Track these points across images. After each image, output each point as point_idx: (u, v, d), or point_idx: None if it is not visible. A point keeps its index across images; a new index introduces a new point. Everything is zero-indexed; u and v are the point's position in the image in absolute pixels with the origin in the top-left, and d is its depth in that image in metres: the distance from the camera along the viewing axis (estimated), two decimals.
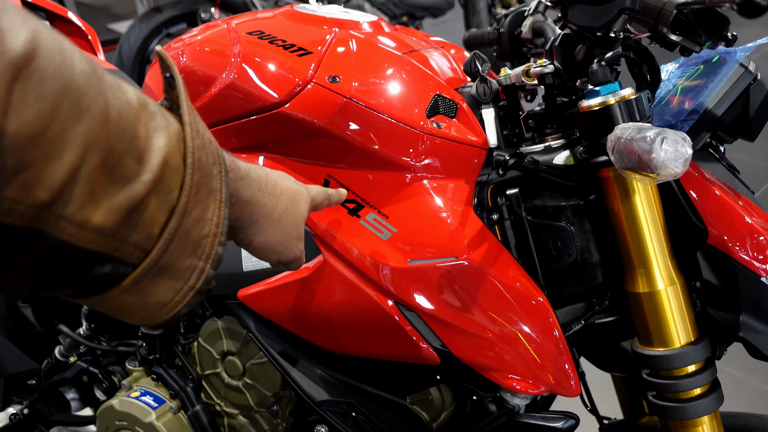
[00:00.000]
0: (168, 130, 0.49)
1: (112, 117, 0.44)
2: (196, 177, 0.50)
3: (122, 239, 0.46)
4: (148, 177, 0.46)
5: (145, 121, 0.47)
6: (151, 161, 0.47)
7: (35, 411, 1.50)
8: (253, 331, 1.08)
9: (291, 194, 0.74)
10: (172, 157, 0.49)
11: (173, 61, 0.57)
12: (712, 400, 0.90)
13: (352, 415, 1.05)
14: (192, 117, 0.52)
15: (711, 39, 0.82)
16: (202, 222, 0.52)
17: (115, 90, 0.45)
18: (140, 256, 0.48)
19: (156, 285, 0.50)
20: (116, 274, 0.48)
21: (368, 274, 0.94)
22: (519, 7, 1.20)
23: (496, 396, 0.99)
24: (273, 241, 0.71)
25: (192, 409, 1.24)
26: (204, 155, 0.52)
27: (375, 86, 0.99)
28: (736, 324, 0.88)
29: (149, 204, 0.47)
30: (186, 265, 0.51)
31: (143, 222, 0.47)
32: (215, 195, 0.53)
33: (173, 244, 0.49)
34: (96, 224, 0.44)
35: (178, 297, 0.52)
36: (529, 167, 0.94)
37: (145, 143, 0.47)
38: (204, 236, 0.52)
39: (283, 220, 0.72)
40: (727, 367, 2.10)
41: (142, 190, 0.46)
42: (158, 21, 4.00)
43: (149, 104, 0.49)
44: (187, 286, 0.52)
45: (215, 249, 0.53)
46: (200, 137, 0.52)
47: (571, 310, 1.00)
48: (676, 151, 0.76)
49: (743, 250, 0.88)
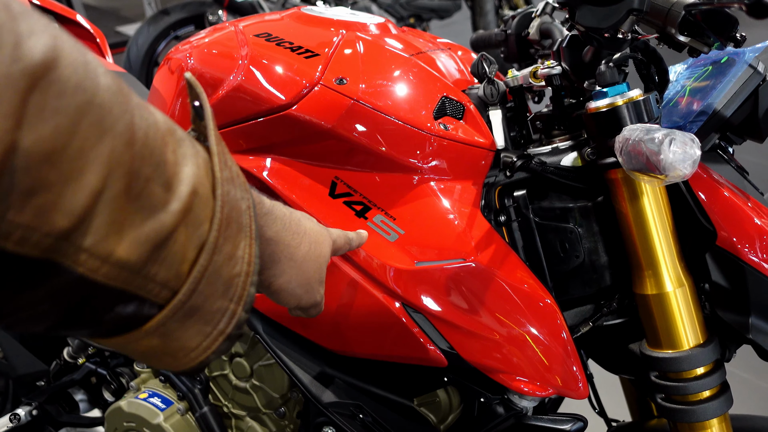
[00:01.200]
0: (196, 158, 0.46)
1: (138, 138, 0.40)
2: (226, 210, 0.47)
3: (148, 276, 0.42)
4: (176, 206, 0.42)
5: (174, 146, 0.44)
6: (180, 190, 0.43)
7: (44, 412, 1.51)
8: (260, 332, 1.08)
9: (314, 235, 0.69)
10: (201, 186, 0.45)
11: (203, 90, 0.54)
12: (722, 403, 0.90)
13: (359, 416, 1.05)
14: (220, 148, 0.49)
15: (720, 40, 0.81)
16: (234, 260, 0.48)
17: (142, 110, 0.42)
18: (167, 296, 0.44)
19: (183, 329, 0.46)
20: (141, 315, 0.44)
21: (375, 275, 0.94)
22: (526, 9, 1.20)
23: (503, 398, 0.99)
24: (294, 284, 0.67)
25: (200, 411, 1.24)
26: (233, 188, 0.48)
27: (382, 88, 0.99)
28: (746, 326, 0.88)
29: (178, 238, 0.43)
30: (216, 308, 0.47)
31: (171, 258, 0.43)
32: (245, 231, 0.49)
33: (203, 284, 0.45)
34: (120, 258, 0.40)
35: (206, 342, 0.48)
36: (537, 169, 0.94)
37: (173, 170, 0.43)
38: (235, 275, 0.48)
39: (306, 262, 0.67)
40: (737, 369, 2.09)
41: (170, 221, 0.42)
42: (166, 23, 4.02)
43: (177, 130, 0.46)
44: (217, 330, 0.48)
45: (247, 290, 0.49)
46: (228, 169, 0.48)
47: (578, 312, 1.00)
48: (685, 152, 0.75)
49: (752, 251, 0.87)
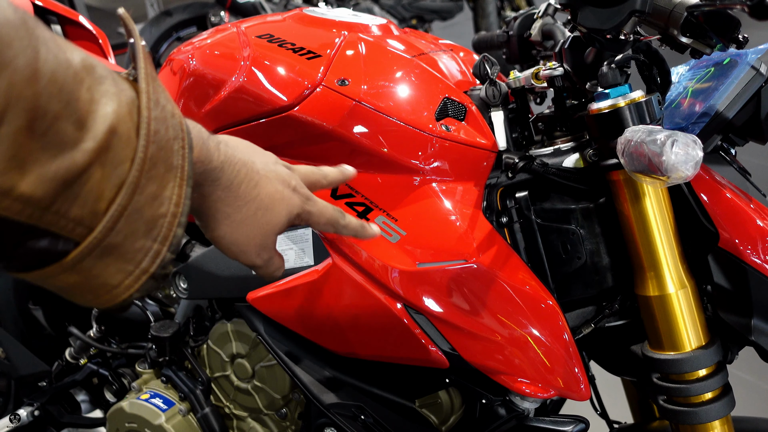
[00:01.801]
0: (118, 96, 0.45)
1: (44, 74, 0.39)
2: (152, 150, 0.46)
3: (60, 213, 0.42)
4: (90, 145, 0.42)
5: (90, 84, 0.43)
6: (95, 128, 0.42)
7: (46, 413, 1.51)
8: (262, 333, 1.08)
9: (268, 201, 0.67)
10: (121, 125, 0.44)
11: (134, 25, 0.52)
12: (724, 405, 0.90)
13: (360, 418, 1.05)
14: (151, 86, 0.47)
15: (722, 41, 0.81)
16: (159, 200, 0.47)
17: (50, 45, 0.40)
18: (83, 233, 0.44)
19: (103, 266, 0.46)
20: (55, 251, 0.43)
21: (377, 277, 0.94)
22: (528, 10, 1.19)
23: (505, 399, 0.99)
24: (227, 240, 0.65)
25: (201, 412, 1.24)
26: (163, 128, 0.47)
27: (384, 89, 0.99)
28: (748, 328, 0.88)
29: (93, 176, 0.43)
30: (138, 247, 0.47)
31: (86, 195, 0.43)
32: (175, 171, 0.48)
33: (122, 222, 0.45)
34: (23, 193, 0.39)
35: (128, 281, 0.47)
36: (539, 170, 0.94)
37: (87, 107, 0.42)
38: (160, 216, 0.47)
39: (246, 225, 0.65)
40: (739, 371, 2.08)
41: (82, 159, 0.42)
42: (168, 25, 4.03)
43: (98, 68, 0.44)
44: (140, 269, 0.47)
45: (173, 230, 0.48)
46: (160, 108, 0.47)
47: (580, 313, 1.00)
48: (687, 153, 0.75)
49: (755, 253, 0.87)
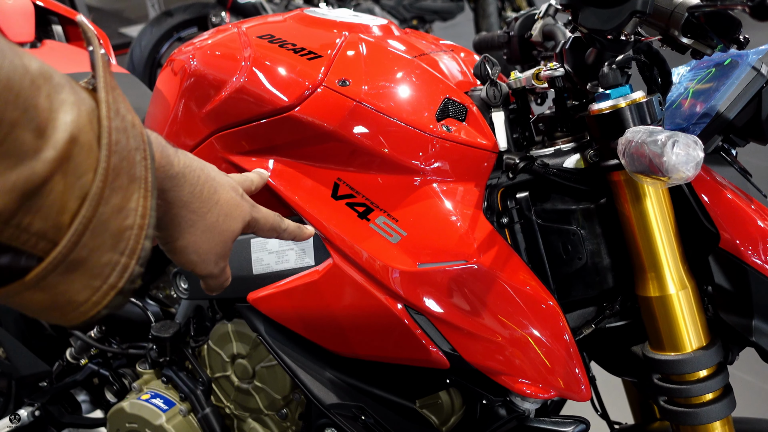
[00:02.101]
0: (78, 105, 0.43)
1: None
2: (114, 160, 0.44)
3: (21, 227, 0.40)
4: (50, 154, 0.40)
5: (49, 91, 0.41)
6: (55, 137, 0.41)
7: (46, 413, 1.51)
8: (262, 334, 1.08)
9: (228, 207, 0.67)
10: (82, 134, 0.43)
11: (95, 31, 0.51)
12: (724, 406, 0.90)
13: (361, 418, 1.05)
14: (111, 96, 0.46)
15: (723, 42, 0.81)
16: (124, 212, 0.46)
17: (6, 52, 0.39)
18: (47, 247, 0.42)
19: (68, 282, 0.44)
20: (17, 267, 0.42)
21: (378, 277, 0.94)
22: (529, 11, 1.19)
23: (505, 400, 0.99)
24: (190, 250, 0.64)
25: (202, 412, 1.24)
26: (124, 138, 0.46)
27: (385, 89, 0.99)
28: (749, 328, 0.88)
29: (54, 187, 0.41)
30: (105, 261, 0.45)
31: (48, 208, 0.41)
32: (139, 182, 0.47)
33: (87, 236, 0.43)
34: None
35: (96, 297, 0.46)
36: (539, 170, 0.94)
37: (47, 116, 0.41)
38: (126, 228, 0.46)
39: (208, 232, 0.65)
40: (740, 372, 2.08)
41: (43, 169, 0.40)
42: (169, 25, 4.03)
43: (55, 75, 0.43)
44: (107, 284, 0.46)
45: (141, 243, 0.47)
46: (120, 118, 0.46)
47: (581, 314, 1.00)
48: (688, 154, 0.75)
49: (755, 254, 0.87)
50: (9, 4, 1.63)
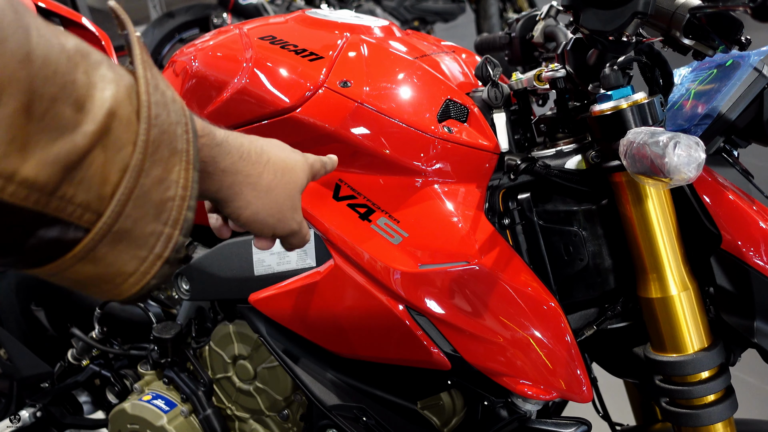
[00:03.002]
0: (117, 82, 0.45)
1: (37, 56, 0.39)
2: (154, 133, 0.46)
3: (65, 198, 0.41)
4: (90, 128, 0.42)
5: (86, 68, 0.43)
6: (93, 111, 0.42)
7: (48, 414, 1.51)
8: (264, 335, 1.08)
9: (281, 162, 0.68)
10: (121, 109, 0.44)
11: (127, 16, 0.54)
12: (726, 407, 0.90)
13: (362, 419, 1.05)
14: (149, 72, 0.48)
15: (724, 43, 0.81)
16: (165, 183, 0.47)
17: (42, 31, 0.41)
18: (92, 219, 0.43)
19: (116, 253, 0.45)
20: (66, 240, 0.43)
21: (379, 278, 0.94)
22: (530, 12, 1.20)
23: (507, 401, 0.99)
24: (263, 214, 0.66)
25: (203, 413, 1.24)
26: (164, 112, 0.47)
27: (386, 91, 0.99)
28: (750, 330, 0.88)
29: (96, 159, 0.42)
30: (149, 231, 0.46)
31: (90, 180, 0.42)
32: (180, 155, 0.48)
33: (130, 206, 0.44)
34: (26, 177, 0.39)
35: (144, 267, 0.47)
36: (541, 172, 0.94)
37: (85, 91, 0.42)
38: (168, 199, 0.47)
39: (272, 190, 0.66)
40: (741, 373, 2.08)
41: (83, 142, 0.41)
42: (171, 26, 4.03)
43: (92, 53, 0.44)
44: (154, 254, 0.47)
45: (183, 214, 0.48)
46: (159, 93, 0.47)
47: (583, 315, 1.00)
48: (689, 155, 0.75)
49: (757, 255, 0.87)
50: None
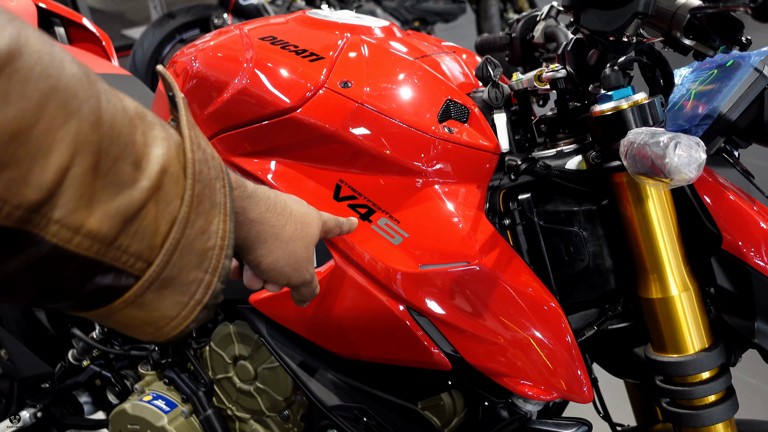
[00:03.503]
0: (167, 140, 0.49)
1: (105, 120, 0.43)
2: (198, 188, 0.50)
3: (122, 248, 0.45)
4: (146, 184, 0.46)
5: (143, 129, 0.47)
6: (149, 168, 0.47)
7: (49, 414, 1.51)
8: (264, 335, 1.08)
9: (301, 216, 0.73)
10: (171, 166, 0.48)
11: (174, 79, 0.59)
12: (727, 408, 0.90)
13: (363, 420, 1.05)
14: (192, 131, 0.52)
15: (725, 43, 0.81)
16: (207, 234, 0.51)
17: (109, 96, 0.45)
18: (143, 267, 0.47)
19: (161, 299, 0.49)
20: (119, 286, 0.47)
21: (379, 278, 0.94)
22: (531, 12, 1.20)
23: (508, 402, 0.99)
24: (282, 262, 0.71)
25: (204, 414, 1.24)
26: (206, 168, 0.52)
27: (387, 91, 0.99)
28: (751, 330, 0.88)
29: (149, 212, 0.46)
30: (191, 278, 0.51)
31: (143, 231, 0.46)
32: (219, 208, 0.53)
33: (176, 256, 0.49)
34: (91, 229, 0.43)
35: (185, 311, 0.51)
36: (541, 172, 0.94)
37: (142, 150, 0.46)
38: (209, 249, 0.52)
39: (293, 242, 0.71)
40: (742, 374, 2.08)
41: (140, 197, 0.46)
42: (171, 27, 4.03)
43: (148, 115, 0.49)
44: (194, 300, 0.51)
45: (222, 262, 0.53)
46: (201, 151, 0.52)
47: (583, 315, 1.00)
48: (690, 156, 0.75)
49: (758, 255, 0.87)
50: (12, 6, 1.63)
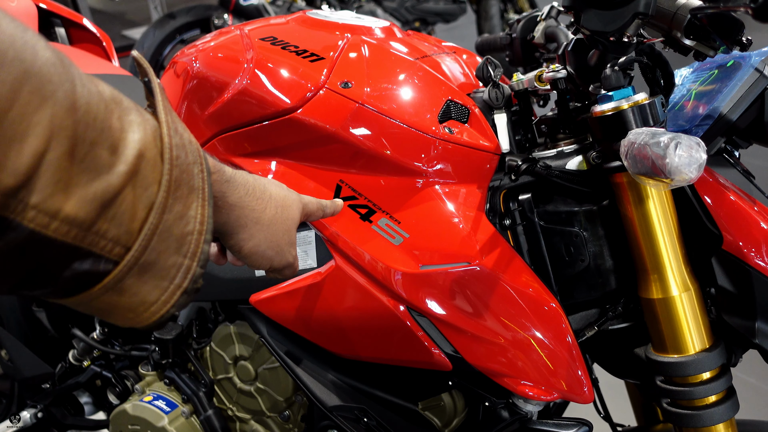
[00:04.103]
0: (144, 125, 0.49)
1: (80, 105, 0.43)
2: (175, 173, 0.50)
3: (99, 233, 0.45)
4: (122, 168, 0.46)
5: (119, 114, 0.47)
6: (125, 153, 0.46)
7: (49, 415, 1.51)
8: (265, 335, 1.08)
9: (281, 200, 0.74)
10: (148, 151, 0.48)
11: (149, 66, 0.58)
12: (728, 408, 0.90)
13: (363, 420, 1.05)
14: (169, 116, 0.52)
15: (726, 43, 0.81)
16: (185, 219, 0.51)
17: (84, 80, 0.45)
18: (121, 252, 0.47)
19: (141, 284, 0.49)
20: (97, 272, 0.47)
21: (380, 279, 0.94)
22: (531, 12, 1.20)
23: (508, 402, 0.99)
24: (263, 246, 0.71)
25: (204, 414, 1.24)
26: (183, 153, 0.52)
27: (387, 91, 0.99)
28: (752, 330, 0.88)
29: (126, 197, 0.46)
30: (171, 263, 0.51)
31: (121, 216, 0.46)
32: (197, 193, 0.53)
33: (155, 240, 0.49)
34: (68, 214, 0.43)
35: (165, 296, 0.51)
36: (542, 172, 0.94)
37: (119, 135, 0.46)
38: (188, 233, 0.51)
39: (273, 225, 0.71)
40: (743, 374, 2.08)
41: (117, 182, 0.45)
42: (172, 27, 4.03)
43: (124, 100, 0.49)
44: (174, 284, 0.51)
45: (201, 247, 0.52)
46: (179, 136, 0.52)
47: (584, 316, 1.00)
48: (690, 156, 0.75)
49: (759, 255, 0.87)
50: (12, 6, 1.63)
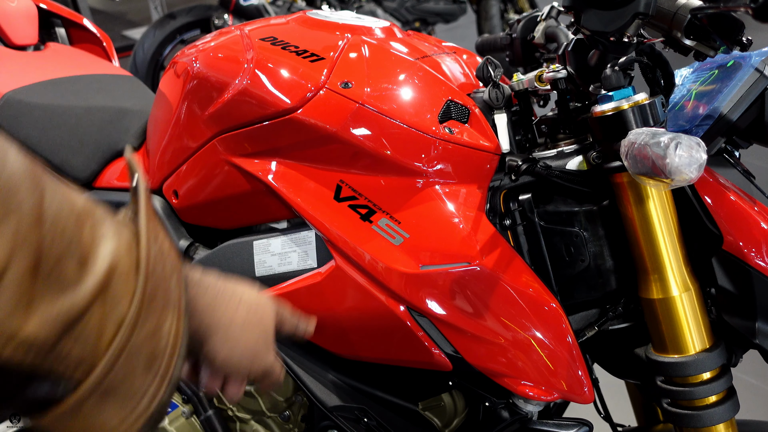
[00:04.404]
0: (117, 236, 0.46)
1: (47, 217, 0.40)
2: (150, 286, 0.46)
3: (61, 355, 0.41)
4: (91, 283, 0.43)
5: (91, 225, 0.44)
6: (95, 267, 0.43)
7: None
8: None
9: (252, 302, 0.69)
10: (120, 264, 0.45)
11: (138, 166, 0.55)
12: (728, 408, 0.90)
13: (363, 420, 1.05)
14: (150, 224, 0.49)
15: (726, 43, 0.81)
16: (158, 335, 0.47)
17: (55, 191, 0.42)
18: (86, 371, 0.43)
19: (102, 410, 0.44)
20: (54, 396, 0.43)
21: (380, 279, 0.94)
22: (532, 12, 1.19)
23: (508, 402, 0.99)
24: (239, 350, 0.66)
25: (204, 414, 1.24)
26: (160, 265, 0.48)
27: (387, 92, 0.99)
28: (752, 331, 0.88)
29: (94, 315, 0.43)
30: (137, 385, 0.46)
31: (87, 335, 0.42)
32: (173, 305, 0.49)
33: (122, 360, 0.44)
34: (28, 336, 0.39)
35: (125, 424, 0.46)
36: (542, 172, 0.94)
37: (89, 248, 0.43)
38: (160, 351, 0.47)
39: (247, 328, 0.66)
40: (743, 374, 2.08)
41: (84, 298, 0.42)
42: (172, 27, 4.03)
43: (97, 210, 0.46)
44: (138, 410, 0.46)
45: (173, 364, 0.48)
46: (158, 245, 0.49)
47: (584, 316, 1.00)
48: (691, 156, 0.75)
49: (759, 256, 0.87)
50: (13, 6, 1.63)
